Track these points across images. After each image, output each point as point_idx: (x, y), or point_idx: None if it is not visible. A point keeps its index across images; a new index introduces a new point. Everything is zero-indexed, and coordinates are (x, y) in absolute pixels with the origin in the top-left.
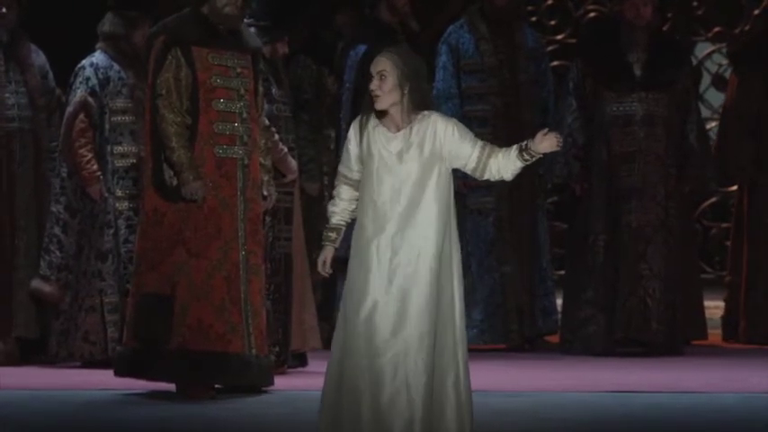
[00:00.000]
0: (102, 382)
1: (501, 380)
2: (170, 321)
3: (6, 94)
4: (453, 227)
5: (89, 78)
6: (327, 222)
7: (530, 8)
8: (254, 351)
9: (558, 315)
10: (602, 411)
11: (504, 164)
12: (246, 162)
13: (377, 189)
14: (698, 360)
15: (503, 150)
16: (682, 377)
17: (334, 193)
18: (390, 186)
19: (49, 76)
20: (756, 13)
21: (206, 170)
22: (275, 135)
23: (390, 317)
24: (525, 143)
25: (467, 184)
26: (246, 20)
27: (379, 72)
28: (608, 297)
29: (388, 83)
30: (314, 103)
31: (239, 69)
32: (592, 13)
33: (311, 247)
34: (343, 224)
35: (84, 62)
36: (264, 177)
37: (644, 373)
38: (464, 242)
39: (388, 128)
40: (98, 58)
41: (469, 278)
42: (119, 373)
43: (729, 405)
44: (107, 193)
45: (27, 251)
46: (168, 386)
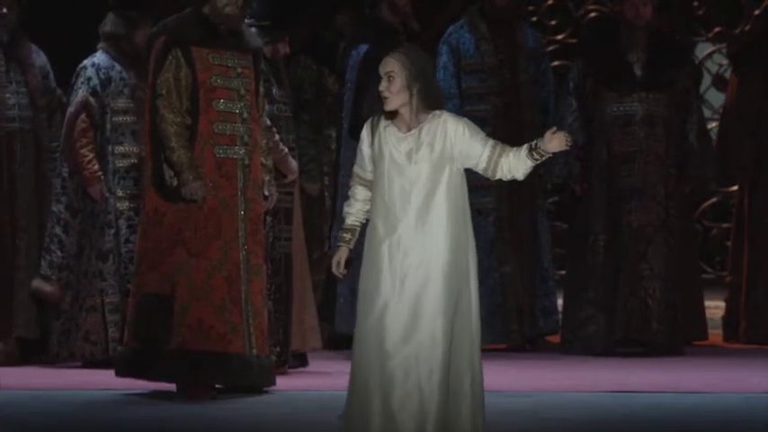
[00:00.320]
0: (103, 382)
1: (501, 380)
2: (170, 321)
3: (7, 95)
4: (468, 227)
5: (90, 78)
6: (342, 223)
7: (530, 8)
8: (254, 351)
9: (559, 315)
10: (602, 411)
11: (516, 163)
12: (247, 162)
13: (388, 190)
14: (698, 360)
15: (513, 150)
16: (682, 377)
17: (349, 193)
18: (401, 187)
19: (50, 76)
20: (757, 13)
21: (206, 170)
22: (276, 135)
23: (402, 320)
24: (535, 142)
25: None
26: (247, 20)
27: (387, 73)
28: (608, 297)
29: (396, 84)
30: (314, 103)
31: (240, 69)
32: (592, 14)
33: (311, 247)
34: (357, 225)
35: (86, 62)
36: (266, 177)
37: (644, 373)
38: None
39: (399, 128)
40: (99, 58)
41: None
42: (119, 373)
43: (730, 405)
44: (108, 193)
45: (28, 251)
46: (169, 386)
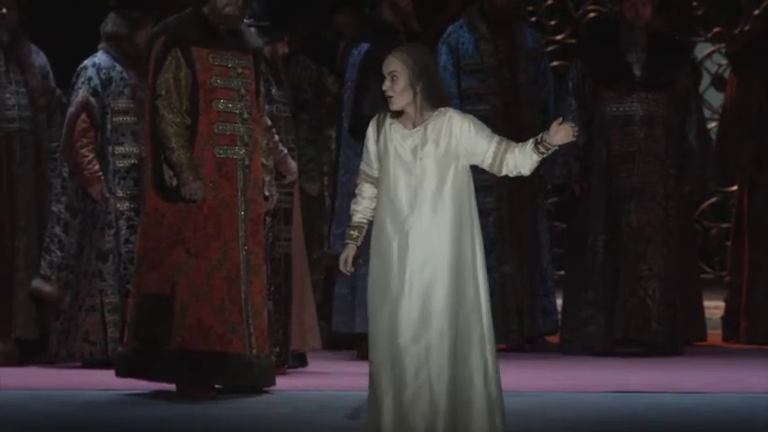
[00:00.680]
0: (103, 382)
1: (501, 380)
2: (170, 322)
3: (7, 95)
4: (474, 224)
5: (91, 78)
6: (350, 220)
7: (530, 8)
8: (254, 351)
9: (559, 315)
10: (602, 411)
11: (521, 159)
12: (247, 162)
13: (393, 187)
14: (698, 360)
15: (519, 145)
16: (682, 377)
17: (357, 191)
18: (406, 184)
19: (50, 76)
20: (756, 13)
21: (206, 170)
22: (275, 136)
23: (412, 317)
24: (540, 136)
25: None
26: (246, 20)
27: (390, 73)
28: (608, 297)
29: (399, 83)
30: (314, 103)
31: (240, 70)
32: (592, 14)
33: (311, 247)
34: (365, 222)
35: (87, 62)
36: (266, 178)
37: (644, 373)
38: None
39: (404, 125)
40: (100, 58)
41: None
42: (119, 373)
43: (730, 405)
44: (108, 194)
45: (27, 252)
46: (169, 386)
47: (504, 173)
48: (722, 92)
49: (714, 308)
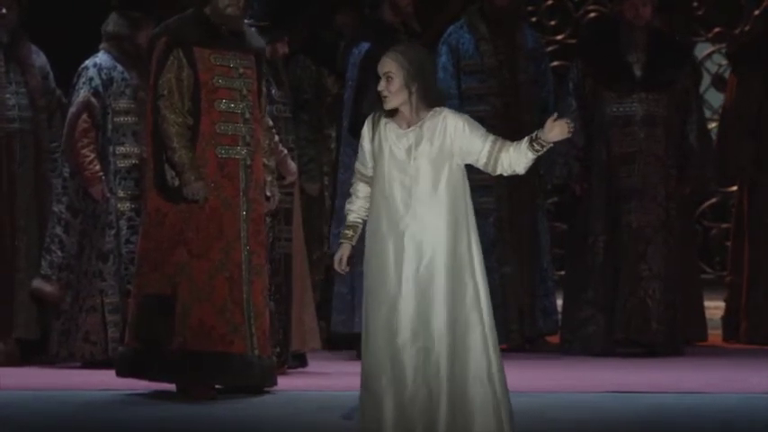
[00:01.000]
0: (103, 382)
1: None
2: (171, 322)
3: (7, 95)
4: (470, 223)
5: (92, 79)
6: (344, 220)
7: (530, 8)
8: (256, 352)
9: (559, 315)
10: (602, 411)
11: (516, 157)
12: (249, 163)
13: (388, 187)
14: (698, 360)
15: (514, 144)
16: (682, 377)
17: (351, 190)
18: (401, 183)
19: (50, 76)
20: (756, 13)
21: (208, 171)
22: (276, 137)
23: (410, 316)
24: (535, 133)
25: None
26: (246, 20)
27: (385, 73)
28: (608, 297)
29: (394, 84)
30: (314, 103)
31: (242, 70)
32: (592, 14)
33: (311, 247)
34: (360, 222)
35: (88, 62)
36: (268, 178)
37: (644, 373)
38: None
39: (399, 125)
40: (101, 58)
41: None
42: (120, 373)
43: (730, 405)
44: (109, 194)
45: (27, 252)
46: (169, 386)
47: (499, 172)
48: (722, 92)
49: (715, 308)
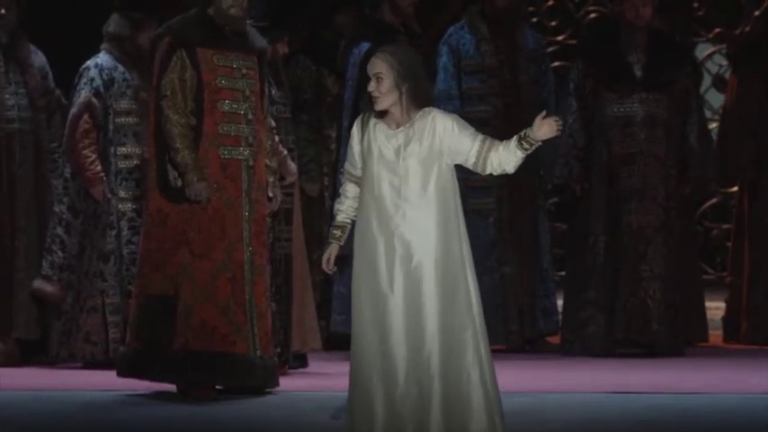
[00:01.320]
0: (104, 382)
1: (501, 381)
2: (173, 322)
3: (6, 95)
4: (460, 223)
5: (93, 79)
6: (333, 220)
7: (530, 9)
8: (258, 352)
9: (559, 316)
10: (602, 412)
11: (505, 156)
12: (251, 163)
13: (377, 187)
14: (698, 361)
15: (503, 143)
16: (682, 378)
17: (340, 191)
18: (390, 183)
19: (49, 76)
20: (756, 14)
21: (210, 171)
22: (276, 137)
23: (401, 315)
24: (524, 132)
25: (467, 185)
26: (246, 20)
27: (375, 74)
28: (608, 298)
29: (384, 84)
30: (313, 103)
31: (245, 70)
32: (592, 14)
33: (311, 247)
34: (348, 222)
35: (89, 63)
36: (270, 179)
37: (644, 373)
38: None
39: (389, 125)
40: (103, 59)
41: None
42: (121, 373)
43: (730, 406)
44: (110, 194)
45: (27, 252)
46: (170, 387)
47: (489, 171)
48: (723, 92)
49: (715, 308)
